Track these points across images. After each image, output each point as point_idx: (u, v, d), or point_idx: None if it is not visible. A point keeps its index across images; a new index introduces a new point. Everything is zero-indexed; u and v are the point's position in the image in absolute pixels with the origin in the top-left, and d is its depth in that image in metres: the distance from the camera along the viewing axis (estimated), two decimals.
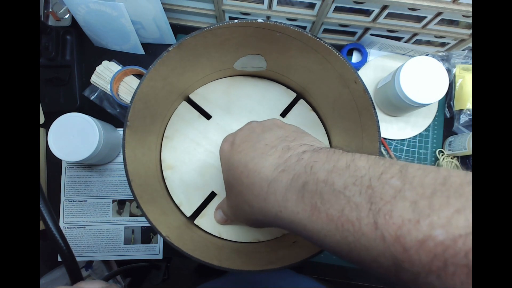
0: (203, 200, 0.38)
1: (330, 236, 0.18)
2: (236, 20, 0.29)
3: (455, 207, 0.13)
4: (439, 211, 0.13)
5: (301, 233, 0.20)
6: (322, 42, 0.29)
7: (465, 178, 0.14)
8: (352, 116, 0.33)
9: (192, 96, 0.40)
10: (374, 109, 0.29)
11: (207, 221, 0.38)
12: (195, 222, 0.37)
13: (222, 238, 0.37)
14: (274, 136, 0.25)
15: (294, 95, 0.41)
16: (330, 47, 0.29)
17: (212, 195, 0.39)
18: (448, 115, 0.51)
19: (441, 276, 0.13)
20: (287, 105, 0.41)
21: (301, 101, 0.41)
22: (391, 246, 0.14)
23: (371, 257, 0.16)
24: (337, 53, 0.29)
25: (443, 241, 0.13)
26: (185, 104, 0.40)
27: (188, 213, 0.38)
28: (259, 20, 0.29)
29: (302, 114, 0.41)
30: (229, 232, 0.37)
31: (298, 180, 0.20)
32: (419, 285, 0.14)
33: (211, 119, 0.40)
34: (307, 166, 0.20)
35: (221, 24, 0.28)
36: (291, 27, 0.29)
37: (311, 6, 0.42)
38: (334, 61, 0.31)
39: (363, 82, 0.29)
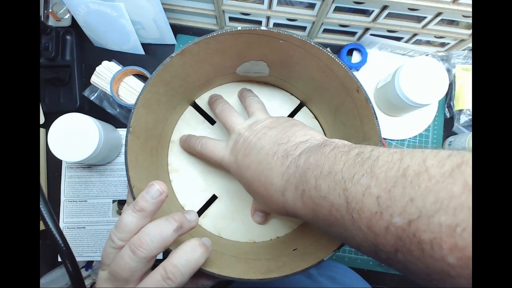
0: (205, 202, 0.39)
1: (329, 231, 0.22)
2: (239, 27, 0.29)
3: (409, 196, 0.16)
4: (396, 202, 0.16)
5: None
6: (324, 50, 0.29)
7: (420, 167, 0.16)
8: (354, 124, 0.33)
9: (198, 101, 0.41)
10: (376, 118, 0.29)
11: (208, 221, 0.39)
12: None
13: (221, 237, 0.38)
14: (270, 141, 0.28)
15: (298, 102, 0.41)
16: (332, 56, 0.29)
17: (214, 197, 0.39)
18: (448, 115, 0.51)
19: (404, 253, 0.16)
20: (290, 112, 0.41)
21: (304, 108, 0.41)
22: (367, 234, 0.18)
23: (357, 243, 0.19)
24: (340, 62, 0.29)
25: (401, 225, 0.16)
26: (190, 109, 0.41)
27: None
28: (262, 28, 0.29)
29: (303, 121, 0.41)
30: (227, 232, 0.39)
31: (298, 188, 0.23)
32: (393, 262, 0.17)
33: (215, 125, 0.40)
34: (302, 174, 0.23)
35: (224, 31, 0.29)
36: (294, 35, 0.29)
37: (311, 6, 0.42)
38: (336, 70, 0.31)
39: (365, 92, 0.29)
